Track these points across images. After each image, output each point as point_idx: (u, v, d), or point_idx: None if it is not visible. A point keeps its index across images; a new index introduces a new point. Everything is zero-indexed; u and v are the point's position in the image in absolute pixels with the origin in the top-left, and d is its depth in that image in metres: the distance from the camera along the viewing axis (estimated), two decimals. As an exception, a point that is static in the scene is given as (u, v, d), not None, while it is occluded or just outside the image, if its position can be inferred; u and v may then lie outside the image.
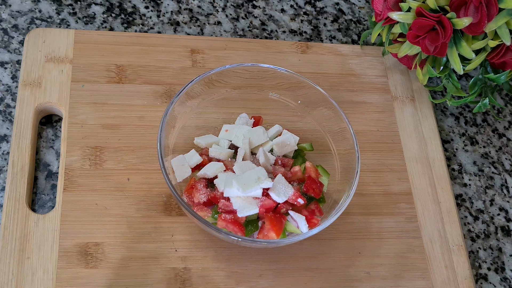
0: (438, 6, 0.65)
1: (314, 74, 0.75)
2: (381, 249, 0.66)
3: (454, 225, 0.69)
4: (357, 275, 0.64)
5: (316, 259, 0.64)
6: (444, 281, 0.65)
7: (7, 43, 0.71)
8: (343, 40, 0.83)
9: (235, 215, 0.57)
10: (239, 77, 0.67)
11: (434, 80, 0.81)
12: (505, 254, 0.71)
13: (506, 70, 0.68)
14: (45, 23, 0.74)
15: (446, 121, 0.79)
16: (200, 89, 0.65)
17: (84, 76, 0.69)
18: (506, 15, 0.62)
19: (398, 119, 0.75)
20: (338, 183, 0.64)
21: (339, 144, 0.66)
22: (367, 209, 0.68)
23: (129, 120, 0.67)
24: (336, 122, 0.65)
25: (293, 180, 0.62)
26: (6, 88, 0.68)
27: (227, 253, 0.62)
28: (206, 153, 0.63)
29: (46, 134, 0.67)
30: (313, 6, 0.85)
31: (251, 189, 0.57)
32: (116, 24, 0.76)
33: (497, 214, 0.74)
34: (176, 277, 0.59)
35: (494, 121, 0.81)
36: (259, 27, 0.81)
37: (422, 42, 0.66)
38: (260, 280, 0.61)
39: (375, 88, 0.77)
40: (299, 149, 0.66)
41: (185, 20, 0.79)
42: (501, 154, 0.78)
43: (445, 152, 0.76)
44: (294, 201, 0.59)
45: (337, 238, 0.65)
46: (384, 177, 0.70)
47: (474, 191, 0.75)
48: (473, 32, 0.65)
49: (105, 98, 0.68)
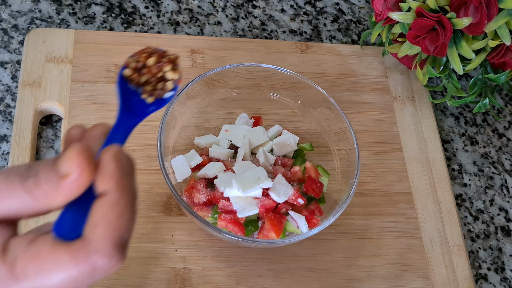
0: (438, 6, 0.65)
1: (314, 74, 0.75)
2: (381, 249, 0.66)
3: (454, 225, 0.69)
4: (357, 275, 0.64)
5: (316, 259, 0.64)
6: (444, 281, 0.65)
7: (7, 43, 0.71)
8: (343, 40, 0.83)
9: (235, 215, 0.57)
10: (239, 77, 0.67)
11: (434, 80, 0.81)
12: (505, 254, 0.71)
13: (506, 70, 0.68)
14: (45, 23, 0.74)
15: (446, 121, 0.79)
16: (200, 89, 0.65)
17: (84, 76, 0.68)
18: (506, 15, 0.62)
19: (398, 119, 0.75)
20: (338, 183, 0.64)
21: (339, 144, 0.66)
22: (367, 209, 0.68)
23: (129, 120, 0.67)
24: (336, 122, 0.65)
25: (293, 180, 0.62)
26: (6, 88, 0.68)
27: (227, 253, 0.62)
28: (206, 153, 0.63)
29: (46, 134, 0.67)
30: (313, 6, 0.85)
31: (251, 189, 0.57)
32: (116, 24, 0.76)
33: (497, 214, 0.74)
34: (176, 277, 0.59)
35: (494, 121, 0.81)
36: (259, 27, 0.81)
37: (422, 42, 0.66)
38: (260, 280, 0.61)
39: (375, 88, 0.77)
40: (299, 149, 0.66)
41: (185, 20, 0.79)
42: (501, 154, 0.78)
43: (445, 152, 0.76)
44: (294, 201, 0.59)
45: (337, 238, 0.65)
46: (384, 177, 0.70)
47: (474, 191, 0.75)
48: (473, 32, 0.65)
49: (105, 98, 0.68)
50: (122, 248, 0.29)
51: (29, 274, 0.28)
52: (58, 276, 0.28)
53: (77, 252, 0.28)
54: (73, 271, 0.28)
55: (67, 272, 0.28)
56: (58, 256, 0.28)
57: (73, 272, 0.28)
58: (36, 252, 0.28)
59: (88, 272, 0.28)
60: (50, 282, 0.28)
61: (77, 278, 0.28)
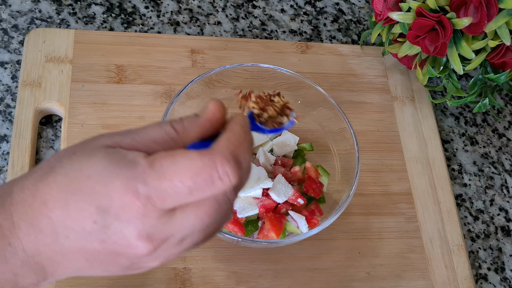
0: (438, 6, 0.65)
1: (314, 74, 0.75)
2: (381, 249, 0.66)
3: (454, 225, 0.69)
4: (357, 275, 0.64)
5: (316, 259, 0.64)
6: (444, 281, 0.65)
7: (7, 43, 0.71)
8: (343, 40, 0.83)
9: (235, 215, 0.57)
10: (239, 77, 0.67)
11: (434, 80, 0.81)
12: (505, 254, 0.71)
13: (506, 70, 0.68)
14: (45, 23, 0.74)
15: (446, 121, 0.79)
16: (200, 89, 0.65)
17: (84, 76, 0.68)
18: (506, 15, 0.62)
19: (398, 119, 0.75)
20: (338, 183, 0.64)
21: (339, 144, 0.66)
22: (367, 209, 0.68)
23: (129, 120, 0.67)
24: (336, 122, 0.65)
25: (293, 180, 0.62)
26: (6, 88, 0.68)
27: (227, 253, 0.62)
28: (206, 153, 0.63)
29: (46, 134, 0.67)
30: (313, 6, 0.85)
31: (251, 189, 0.57)
32: (116, 24, 0.76)
33: (497, 214, 0.74)
34: (176, 277, 0.59)
35: (494, 121, 0.81)
36: (259, 27, 0.81)
37: (422, 42, 0.66)
38: (260, 280, 0.61)
39: (375, 88, 0.77)
40: (299, 149, 0.66)
41: (185, 20, 0.79)
42: (501, 154, 0.78)
43: (445, 152, 0.76)
44: (294, 201, 0.59)
45: (337, 238, 0.65)
46: (384, 177, 0.70)
47: (474, 191, 0.75)
48: (473, 32, 0.65)
49: (105, 98, 0.68)
50: (238, 163, 0.34)
51: (164, 167, 0.34)
52: (187, 168, 0.33)
53: (203, 153, 0.34)
54: (199, 164, 0.33)
55: (194, 164, 0.33)
56: (188, 153, 0.34)
57: (198, 165, 0.33)
58: (171, 153, 0.34)
59: (210, 170, 0.33)
60: (179, 173, 0.33)
61: (201, 175, 0.33)
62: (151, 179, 0.34)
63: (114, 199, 0.34)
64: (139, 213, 0.34)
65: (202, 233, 0.36)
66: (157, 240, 0.35)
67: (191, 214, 0.35)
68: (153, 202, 0.34)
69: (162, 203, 0.34)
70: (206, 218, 0.35)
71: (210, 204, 0.35)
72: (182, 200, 0.34)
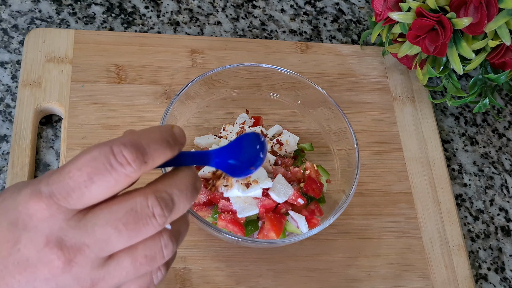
0: (438, 6, 0.65)
1: (314, 74, 0.75)
2: (381, 249, 0.66)
3: (454, 225, 0.69)
4: (357, 275, 0.64)
5: (316, 259, 0.64)
6: (444, 281, 0.65)
7: (7, 43, 0.71)
8: (343, 40, 0.83)
9: (235, 215, 0.57)
10: (239, 77, 0.67)
11: (434, 80, 0.81)
12: (505, 254, 0.71)
13: (506, 70, 0.68)
14: (45, 23, 0.74)
15: (446, 121, 0.79)
16: (200, 89, 0.65)
17: (84, 76, 0.68)
18: (506, 15, 0.62)
19: (398, 119, 0.75)
20: (338, 183, 0.64)
21: (339, 144, 0.66)
22: (367, 209, 0.68)
23: (129, 120, 0.67)
24: (336, 122, 0.65)
25: (293, 180, 0.62)
26: (6, 88, 0.68)
27: (227, 253, 0.62)
28: (206, 153, 0.63)
29: (46, 134, 0.67)
30: (313, 6, 0.85)
31: (251, 189, 0.57)
32: (116, 24, 0.76)
33: (497, 214, 0.74)
34: (176, 277, 0.59)
35: (494, 121, 0.81)
36: (259, 27, 0.81)
37: (422, 42, 0.66)
38: (260, 280, 0.61)
39: (375, 88, 0.77)
40: (299, 149, 0.66)
41: (185, 20, 0.79)
42: (501, 154, 0.78)
43: (445, 152, 0.76)
44: (294, 201, 0.59)
45: (337, 238, 0.65)
46: (384, 177, 0.70)
47: (474, 191, 0.75)
48: (473, 32, 0.65)
49: (105, 98, 0.68)
50: (138, 146, 0.34)
51: (65, 167, 0.34)
52: (83, 160, 0.34)
53: (99, 144, 0.34)
54: (95, 153, 0.34)
55: (91, 154, 0.34)
56: (86, 150, 0.34)
57: (95, 154, 0.34)
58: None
59: (107, 155, 0.34)
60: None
61: (99, 159, 0.33)
62: (53, 177, 0.32)
63: (20, 209, 0.32)
64: (44, 214, 0.32)
65: (122, 243, 0.33)
66: (70, 248, 0.32)
67: (103, 219, 0.33)
68: (56, 199, 0.32)
69: (66, 200, 0.32)
70: (120, 225, 0.33)
71: (120, 204, 0.33)
72: (85, 192, 0.32)
